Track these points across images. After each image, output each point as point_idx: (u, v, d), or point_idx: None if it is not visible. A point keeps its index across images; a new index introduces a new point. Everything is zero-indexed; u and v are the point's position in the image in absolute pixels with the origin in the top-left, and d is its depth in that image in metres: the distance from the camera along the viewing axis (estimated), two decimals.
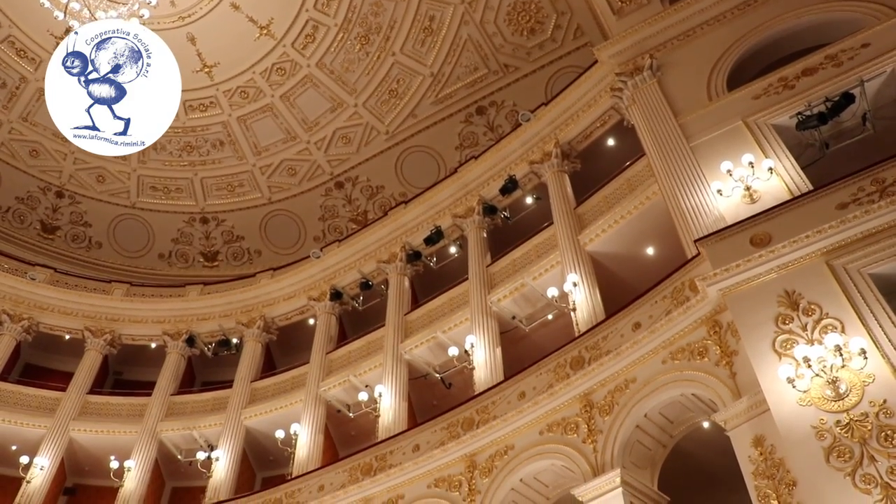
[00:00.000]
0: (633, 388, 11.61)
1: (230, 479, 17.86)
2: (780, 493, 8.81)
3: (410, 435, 14.78)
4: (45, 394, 20.29)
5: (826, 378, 8.53)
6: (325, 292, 20.79)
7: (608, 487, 10.89)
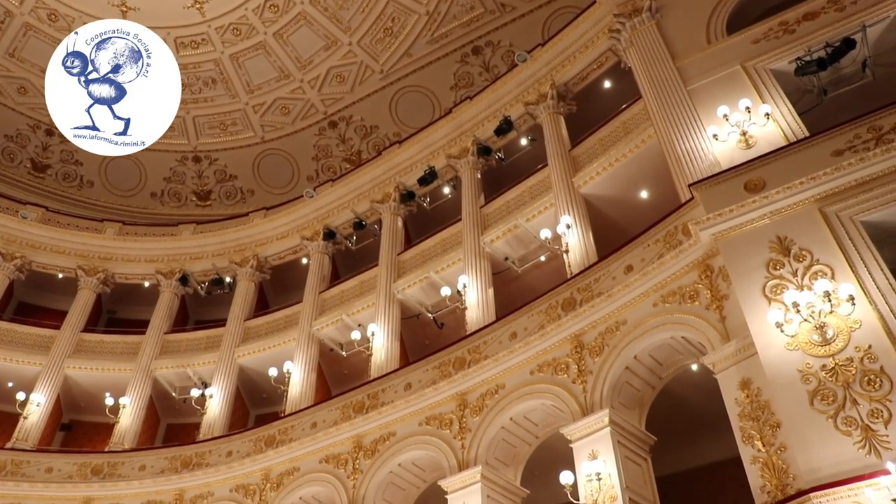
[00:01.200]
0: (624, 329, 11.74)
1: (224, 417, 18.12)
2: (764, 434, 9.01)
3: (402, 374, 14.97)
4: (40, 332, 20.40)
5: (814, 323, 8.68)
6: (318, 232, 20.80)
7: (597, 427, 11.09)
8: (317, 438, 15.21)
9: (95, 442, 19.36)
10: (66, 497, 16.87)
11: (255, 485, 15.55)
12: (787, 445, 8.68)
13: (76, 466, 17.32)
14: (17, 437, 18.10)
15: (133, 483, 16.77)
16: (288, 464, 15.39)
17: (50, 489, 16.93)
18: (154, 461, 17.16)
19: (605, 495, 10.35)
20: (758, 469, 8.92)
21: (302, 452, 15.28)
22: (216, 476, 16.20)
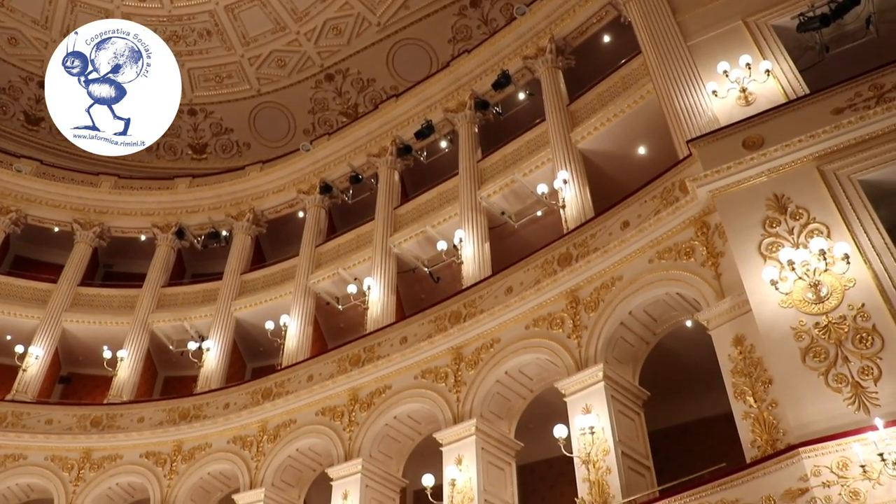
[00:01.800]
0: (619, 285, 11.79)
1: (221, 369, 18.26)
2: (756, 390, 9.12)
3: (398, 327, 15.05)
4: (37, 285, 20.45)
5: (808, 281, 8.73)
6: (314, 185, 20.73)
7: (591, 381, 11.21)
8: (313, 391, 15.35)
9: (94, 394, 19.54)
10: (66, 448, 17.07)
11: (252, 436, 15.73)
12: (778, 401, 8.80)
13: (76, 418, 17.51)
14: (16, 390, 18.27)
15: (132, 434, 16.96)
16: (284, 416, 15.55)
17: (50, 440, 17.14)
18: (152, 413, 17.34)
19: (598, 449, 10.49)
20: (749, 424, 9.05)
21: (298, 405, 15.44)
22: (214, 428, 16.39)
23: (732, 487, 8.58)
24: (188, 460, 16.27)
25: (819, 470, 7.72)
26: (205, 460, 16.14)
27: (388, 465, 14.08)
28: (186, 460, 16.29)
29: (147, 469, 16.52)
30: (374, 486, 13.56)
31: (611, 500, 10.02)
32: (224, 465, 15.89)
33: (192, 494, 16.05)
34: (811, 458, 7.82)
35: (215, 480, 16.27)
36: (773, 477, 8.18)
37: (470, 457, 12.08)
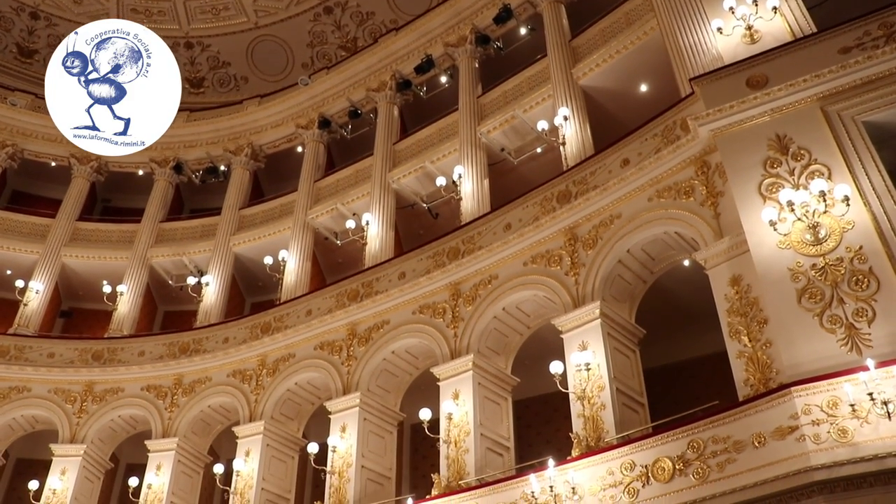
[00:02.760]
0: (618, 223, 11.79)
1: (220, 304, 18.38)
2: (751, 330, 9.20)
3: (397, 263, 15.10)
4: (35, 220, 20.42)
5: (807, 223, 8.73)
6: (313, 120, 20.53)
7: (587, 318, 11.29)
8: (312, 326, 15.48)
9: (95, 328, 19.68)
10: (69, 381, 17.29)
11: (251, 370, 15.93)
12: (772, 341, 8.89)
13: (77, 352, 17.69)
14: (18, 324, 18.42)
15: (133, 368, 17.17)
16: (283, 350, 15.72)
17: (53, 373, 17.34)
18: (153, 347, 17.51)
19: (594, 385, 10.64)
20: (743, 363, 9.16)
21: (297, 339, 15.58)
22: (213, 362, 16.58)
23: (724, 425, 8.73)
24: (188, 393, 16.51)
25: (809, 408, 7.85)
26: (205, 393, 16.37)
27: (386, 399, 14.29)
28: (187, 393, 16.52)
29: (148, 402, 16.76)
30: (371, 420, 13.79)
31: (605, 435, 10.19)
32: (224, 398, 16.13)
33: (192, 426, 16.32)
34: (802, 397, 7.95)
35: (215, 413, 16.54)
36: (765, 415, 8.31)
37: (467, 391, 12.25)
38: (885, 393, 7.42)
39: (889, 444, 7.32)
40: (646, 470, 9.22)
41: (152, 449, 15.95)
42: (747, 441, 8.39)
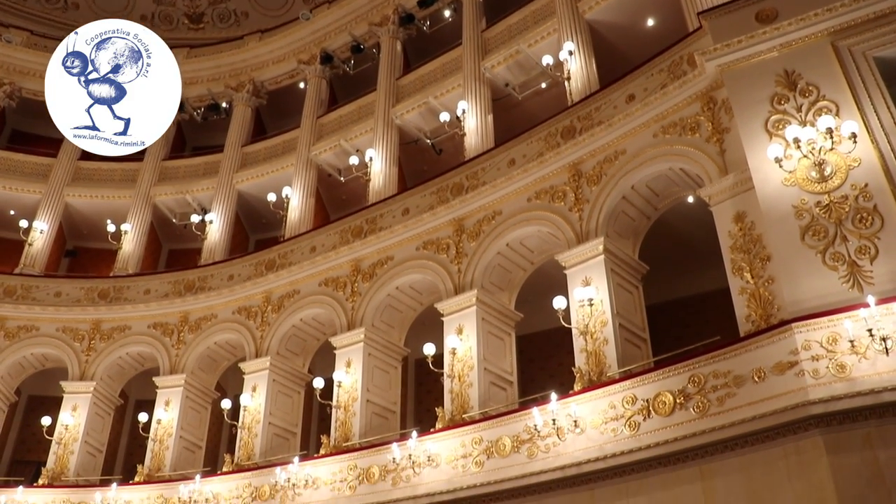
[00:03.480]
0: (623, 159, 11.72)
1: (224, 241, 18.43)
2: (753, 266, 9.24)
3: (400, 199, 15.08)
4: (37, 160, 20.30)
5: (813, 160, 8.68)
6: (314, 56, 20.24)
7: (591, 254, 11.33)
8: (316, 262, 15.55)
9: (100, 267, 19.78)
10: (76, 319, 17.45)
11: (256, 307, 16.06)
12: (774, 278, 8.93)
13: (83, 291, 17.82)
14: (24, 264, 18.52)
15: (139, 306, 17.32)
16: (288, 287, 15.81)
17: (60, 312, 17.50)
18: (158, 285, 17.61)
19: (596, 321, 10.73)
20: (745, 300, 9.22)
21: (301, 276, 15.67)
22: (219, 299, 16.71)
23: (725, 360, 8.83)
24: (195, 330, 16.69)
25: (809, 344, 7.94)
26: (211, 330, 16.54)
27: (390, 334, 14.44)
28: (193, 330, 16.70)
29: (155, 339, 16.95)
30: (376, 355, 13.97)
31: (607, 369, 10.32)
32: (230, 334, 16.30)
33: (199, 363, 16.54)
34: (802, 333, 8.03)
35: (222, 350, 16.74)
36: (765, 350, 8.41)
37: (470, 326, 12.37)
38: (884, 329, 7.49)
39: (886, 378, 7.43)
40: (647, 404, 9.36)
41: (160, 385, 16.20)
42: (747, 376, 8.50)
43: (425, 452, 11.28)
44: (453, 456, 11.06)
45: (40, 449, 16.93)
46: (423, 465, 11.27)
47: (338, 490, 12.24)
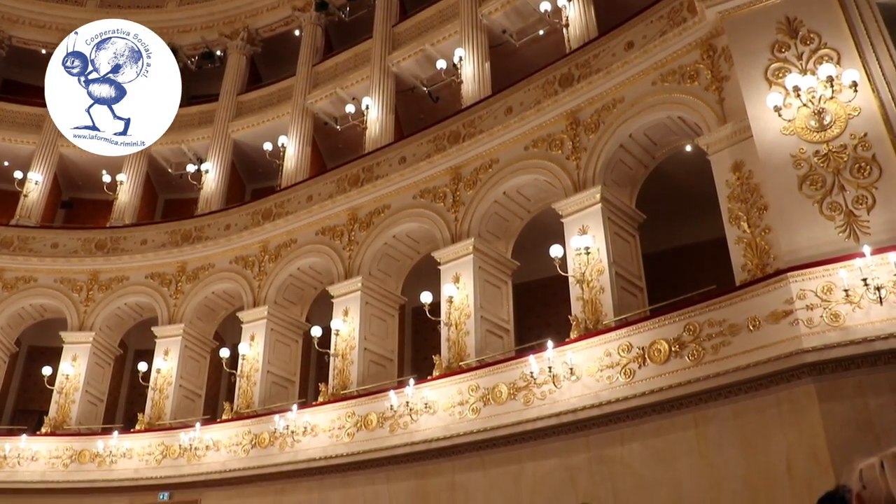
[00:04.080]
0: (621, 107, 11.64)
1: (221, 191, 18.35)
2: (750, 215, 9.24)
3: (397, 147, 15.00)
4: (30, 110, 19.88)
5: (813, 109, 8.62)
6: (309, 2, 19.80)
7: (588, 203, 11.33)
8: (312, 211, 15.53)
9: (97, 218, 19.69)
10: (74, 270, 17.46)
11: (253, 256, 16.08)
12: (771, 227, 8.95)
13: (80, 242, 17.79)
14: (19, 215, 18.44)
15: (136, 256, 17.32)
16: (285, 236, 15.82)
17: (58, 263, 17.50)
18: (155, 235, 17.60)
19: (593, 269, 10.77)
20: (741, 249, 9.25)
21: (298, 225, 15.66)
22: (216, 249, 16.72)
23: (721, 308, 8.91)
24: (192, 280, 16.73)
25: (804, 293, 8.00)
26: (208, 280, 16.59)
27: (388, 283, 14.50)
28: (191, 280, 16.74)
29: (153, 289, 17.00)
30: (373, 304, 14.04)
31: (603, 318, 10.40)
32: (227, 284, 16.36)
33: (197, 312, 16.62)
34: (798, 283, 8.08)
35: (219, 299, 16.81)
36: (761, 299, 8.47)
37: (467, 275, 12.42)
38: (878, 279, 7.54)
39: (879, 327, 7.50)
40: (642, 352, 9.46)
41: (159, 335, 16.31)
42: (742, 324, 8.58)
43: (422, 400, 11.42)
44: (450, 403, 11.20)
45: (42, 398, 17.08)
46: (420, 412, 11.42)
47: (336, 437, 12.42)
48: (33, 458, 15.26)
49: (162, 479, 14.33)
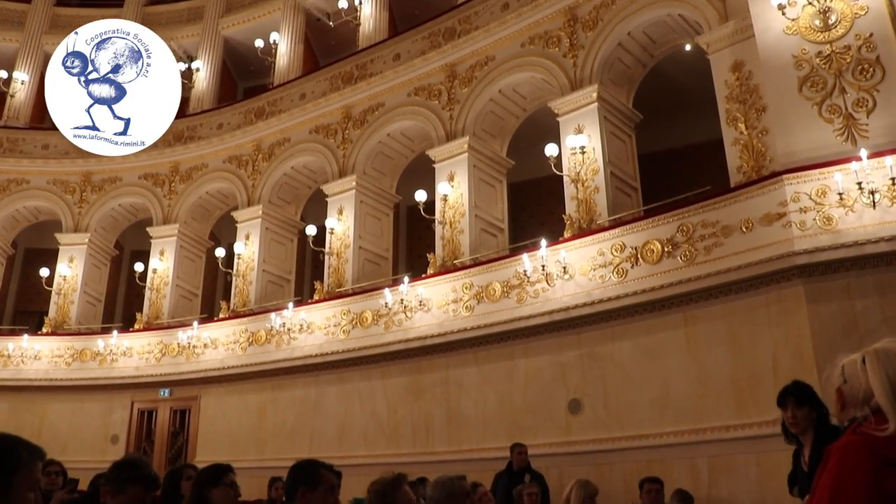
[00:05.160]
0: (620, 4, 11.32)
1: (212, 90, 18.00)
2: (748, 117, 9.16)
3: (391, 44, 14.65)
4: (10, 6, 19.28)
5: (818, 7, 8.41)
6: None
7: (584, 101, 11.19)
8: (306, 109, 15.32)
9: None
10: (66, 171, 17.32)
11: (247, 155, 15.94)
12: (769, 129, 8.89)
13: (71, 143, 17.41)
14: (7, 116, 18.12)
15: (128, 157, 16.88)
16: (278, 135, 15.64)
17: (49, 165, 17.33)
18: None
19: (588, 168, 10.75)
20: (737, 150, 9.21)
21: (291, 123, 15.46)
22: (208, 148, 16.56)
23: (714, 210, 8.94)
24: (186, 180, 16.63)
25: (798, 196, 8.02)
26: (202, 180, 16.50)
27: (382, 181, 14.45)
28: (184, 180, 16.65)
29: (146, 190, 16.93)
30: (367, 202, 14.04)
31: (597, 217, 10.44)
32: (221, 183, 16.28)
33: (192, 212, 16.61)
34: (793, 185, 8.09)
35: (214, 199, 16.77)
36: (755, 201, 8.50)
37: (462, 173, 12.39)
38: (873, 183, 7.55)
39: (870, 231, 7.56)
40: (635, 251, 9.54)
41: (154, 235, 16.35)
42: (735, 226, 8.63)
43: (417, 297, 11.58)
44: (444, 301, 11.37)
45: (41, 299, 17.25)
46: (414, 309, 11.59)
47: (332, 334, 12.65)
48: (36, 356, 15.56)
49: (162, 376, 14.68)
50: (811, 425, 4.11)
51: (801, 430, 4.16)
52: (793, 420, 4.18)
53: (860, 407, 2.18)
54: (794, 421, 4.17)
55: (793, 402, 4.18)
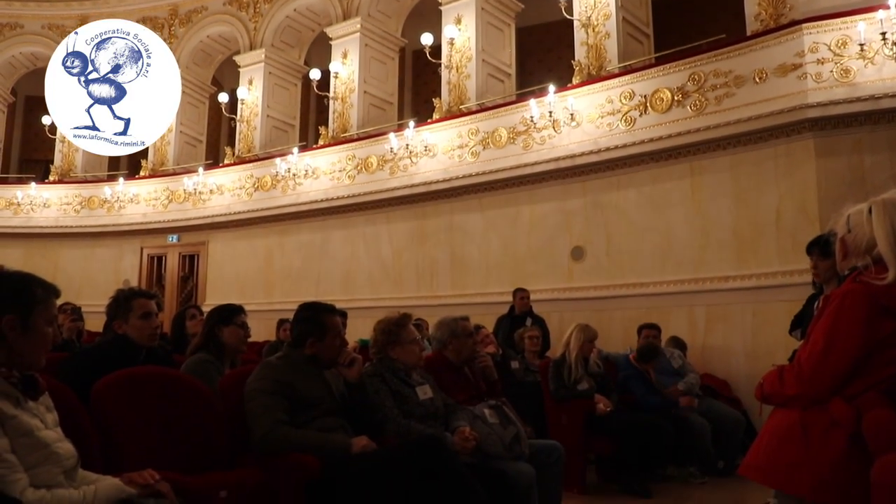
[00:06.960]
0: None
1: None
2: None
3: None
4: None
5: None
6: None
7: None
8: None
9: None
10: (61, 16, 16.67)
11: None
12: None
13: None
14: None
15: (127, 1, 16.46)
16: None
17: (43, 8, 16.68)
18: None
19: (599, 13, 10.40)
20: None
21: None
22: None
23: (728, 59, 8.72)
24: (185, 24, 16.05)
25: (817, 47, 7.81)
26: (202, 23, 15.92)
27: (387, 24, 14.00)
28: (184, 24, 16.07)
29: None
30: (372, 46, 13.68)
31: (606, 64, 10.20)
32: (222, 27, 15.74)
33: (193, 57, 16.17)
34: (812, 35, 7.86)
35: (215, 43, 16.26)
36: (770, 51, 8.29)
37: (469, 16, 11.98)
38: None
39: (889, 84, 7.42)
40: (644, 100, 9.41)
41: None
42: (748, 76, 8.46)
43: (422, 143, 11.53)
44: (450, 146, 11.31)
45: (45, 148, 17.14)
46: (420, 154, 11.57)
47: (337, 179, 12.69)
48: (45, 204, 15.75)
49: (170, 222, 14.89)
50: (834, 276, 4.25)
51: (823, 280, 4.36)
52: (815, 270, 4.41)
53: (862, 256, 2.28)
54: (816, 271, 4.40)
55: (817, 254, 4.32)
